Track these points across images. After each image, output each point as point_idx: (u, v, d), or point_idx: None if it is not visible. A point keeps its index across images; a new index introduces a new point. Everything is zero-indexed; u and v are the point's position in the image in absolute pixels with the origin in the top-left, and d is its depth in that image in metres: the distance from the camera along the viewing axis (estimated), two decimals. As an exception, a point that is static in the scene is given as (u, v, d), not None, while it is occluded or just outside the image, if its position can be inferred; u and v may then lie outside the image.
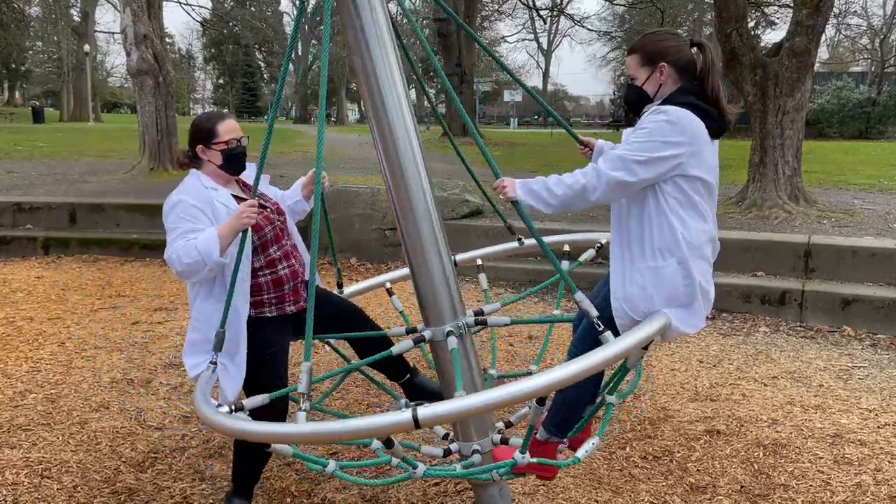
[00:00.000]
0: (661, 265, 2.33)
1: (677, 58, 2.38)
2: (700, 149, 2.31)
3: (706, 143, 2.34)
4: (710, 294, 2.44)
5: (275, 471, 3.33)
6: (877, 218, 7.98)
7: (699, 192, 2.35)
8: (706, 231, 2.38)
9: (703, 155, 2.32)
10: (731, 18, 8.29)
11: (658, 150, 2.26)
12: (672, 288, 2.34)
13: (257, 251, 2.85)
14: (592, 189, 2.32)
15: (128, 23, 11.88)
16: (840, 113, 26.54)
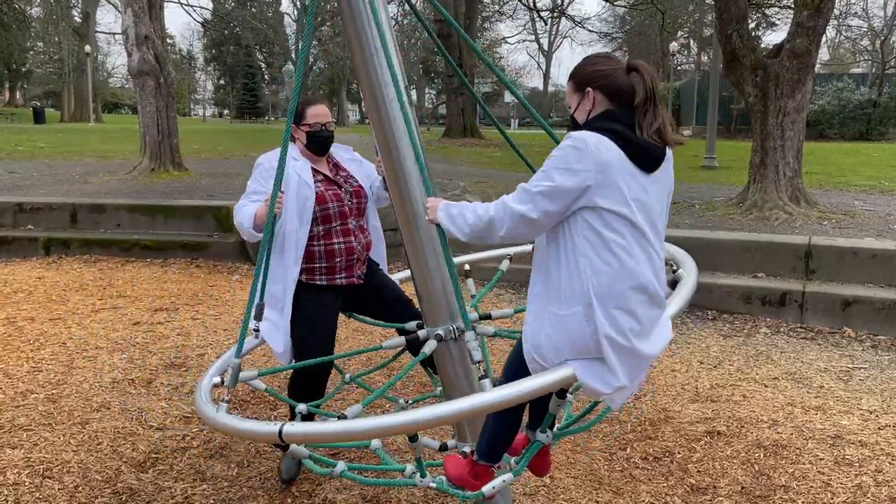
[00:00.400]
0: (566, 314, 2.05)
1: (606, 83, 2.14)
2: (613, 179, 2.02)
3: (624, 172, 2.03)
4: (638, 351, 2.06)
5: (275, 471, 3.33)
6: (877, 219, 7.99)
7: (615, 229, 2.02)
8: (629, 276, 2.03)
9: (617, 186, 2.02)
10: (732, 19, 8.30)
11: (562, 179, 2.01)
12: (578, 339, 2.04)
13: (317, 221, 3.09)
14: (500, 223, 2.10)
15: (129, 23, 11.88)
16: (841, 114, 26.54)
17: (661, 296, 2.13)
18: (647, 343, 2.10)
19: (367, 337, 5.28)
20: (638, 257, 2.05)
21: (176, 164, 12.55)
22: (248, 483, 3.23)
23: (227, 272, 7.43)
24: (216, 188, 10.79)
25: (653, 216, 2.10)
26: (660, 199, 2.14)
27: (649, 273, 2.07)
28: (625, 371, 2.07)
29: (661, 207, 2.15)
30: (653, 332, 2.12)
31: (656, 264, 2.11)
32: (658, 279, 2.11)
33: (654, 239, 2.10)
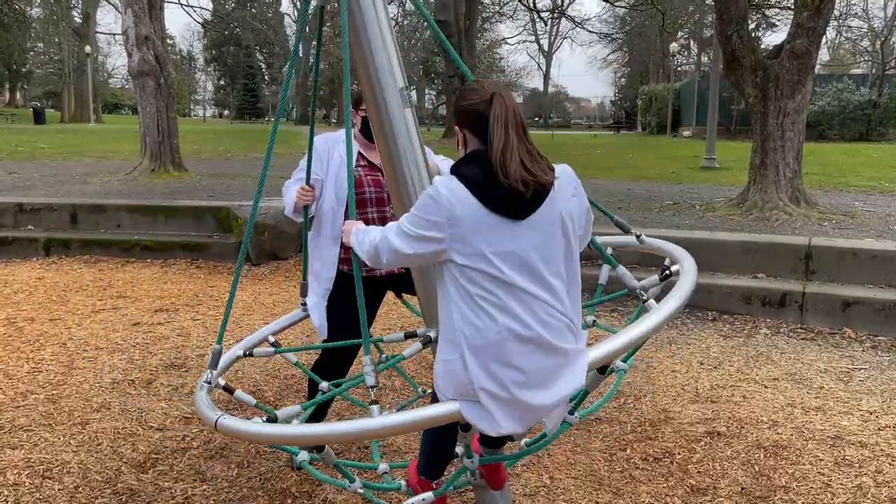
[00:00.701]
0: (448, 359, 1.99)
1: (470, 119, 2.00)
2: (466, 234, 1.91)
3: (481, 225, 1.91)
4: (522, 402, 1.95)
5: (276, 471, 3.33)
6: (877, 220, 7.99)
7: (481, 286, 1.92)
8: (505, 331, 1.91)
9: (471, 242, 1.91)
10: (732, 20, 8.30)
11: (422, 228, 1.95)
12: (459, 385, 1.97)
13: (357, 205, 3.15)
14: (382, 252, 2.06)
15: (129, 24, 11.89)
16: (841, 115, 26.56)
17: (555, 344, 1.96)
18: (536, 393, 1.96)
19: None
20: (513, 311, 1.92)
21: (176, 164, 12.57)
22: (248, 484, 3.23)
23: (227, 273, 7.43)
24: (216, 189, 10.79)
25: (532, 264, 1.94)
26: (541, 244, 1.95)
27: (534, 323, 1.93)
28: (508, 420, 1.97)
29: (549, 252, 1.97)
30: (548, 380, 1.97)
31: (544, 312, 1.95)
32: (549, 327, 1.95)
33: (536, 288, 1.94)
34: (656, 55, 51.01)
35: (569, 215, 2.00)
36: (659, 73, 50.74)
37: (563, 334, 1.98)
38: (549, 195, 1.96)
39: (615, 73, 66.14)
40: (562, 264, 2.00)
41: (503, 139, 1.90)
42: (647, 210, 8.81)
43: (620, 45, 59.21)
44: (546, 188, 1.95)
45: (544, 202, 1.95)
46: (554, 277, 1.98)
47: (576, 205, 2.03)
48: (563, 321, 1.98)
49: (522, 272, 1.94)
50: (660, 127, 35.92)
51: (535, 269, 1.95)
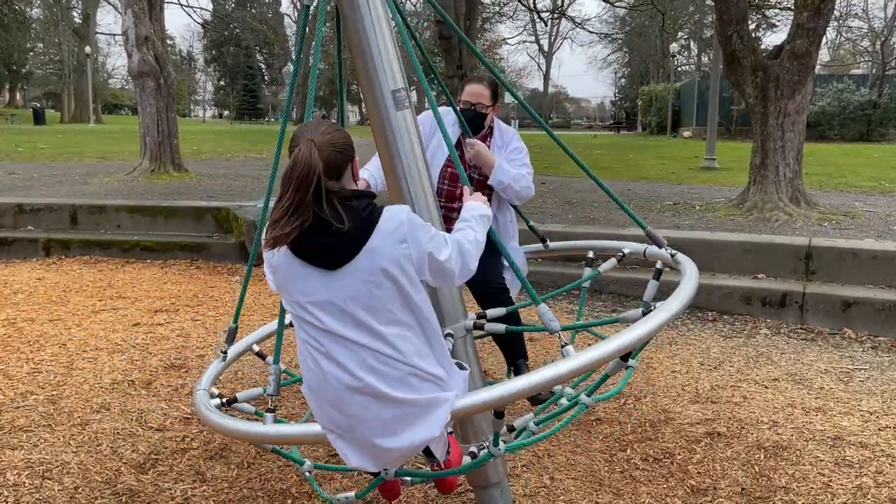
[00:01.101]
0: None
1: None
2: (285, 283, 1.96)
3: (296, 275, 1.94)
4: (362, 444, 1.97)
5: (275, 472, 3.33)
6: (878, 220, 7.99)
7: (308, 332, 1.96)
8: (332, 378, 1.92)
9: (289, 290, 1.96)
10: (732, 21, 8.30)
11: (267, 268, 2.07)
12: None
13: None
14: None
15: (129, 24, 11.89)
16: (841, 115, 26.56)
17: (391, 394, 1.91)
18: (381, 438, 1.94)
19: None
20: (339, 360, 1.90)
21: (176, 165, 12.57)
22: (247, 484, 3.23)
23: (227, 273, 7.43)
24: (216, 189, 10.79)
25: (354, 314, 1.90)
26: (363, 294, 1.90)
27: (364, 374, 1.89)
28: (358, 458, 1.99)
29: (374, 301, 1.90)
30: (392, 428, 1.94)
31: (375, 360, 1.90)
32: (384, 377, 1.90)
33: (363, 337, 1.90)
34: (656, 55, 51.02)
35: (395, 263, 1.91)
36: (659, 73, 50.75)
37: (405, 383, 1.92)
38: (367, 245, 1.89)
39: (615, 74, 66.15)
40: (398, 312, 1.93)
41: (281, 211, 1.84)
42: (647, 210, 8.81)
43: (620, 45, 59.21)
44: (356, 238, 1.88)
45: (361, 252, 1.89)
46: (387, 326, 1.91)
47: (405, 252, 1.92)
48: (402, 370, 1.91)
49: (345, 321, 1.90)
50: (660, 127, 35.92)
51: (359, 319, 1.90)
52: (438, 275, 2.00)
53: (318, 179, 1.84)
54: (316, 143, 1.87)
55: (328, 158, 1.88)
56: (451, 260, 1.99)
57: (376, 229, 1.90)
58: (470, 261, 2.05)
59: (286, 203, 1.83)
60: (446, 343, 2.22)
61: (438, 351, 2.00)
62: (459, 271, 2.03)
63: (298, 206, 1.82)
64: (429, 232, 1.98)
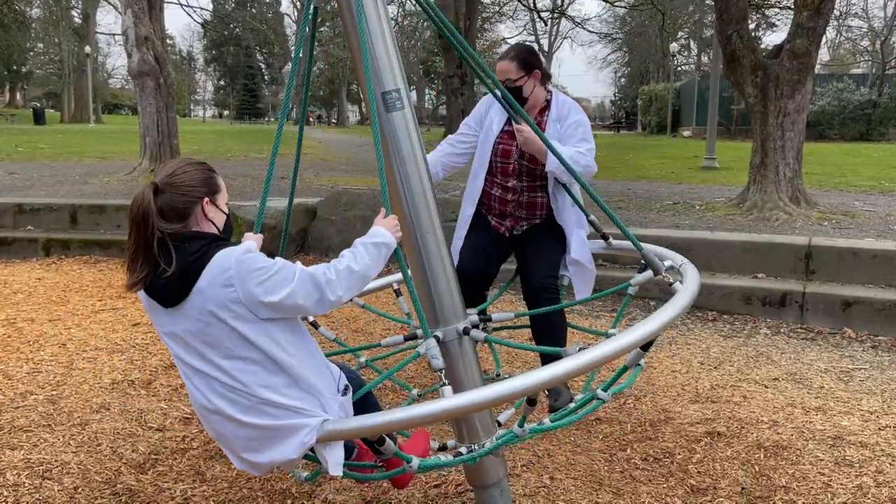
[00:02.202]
0: None
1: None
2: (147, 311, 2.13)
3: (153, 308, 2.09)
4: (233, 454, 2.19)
5: (275, 472, 3.33)
6: (878, 219, 7.98)
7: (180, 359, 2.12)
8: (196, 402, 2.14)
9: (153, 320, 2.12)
10: (732, 20, 8.30)
11: None
12: None
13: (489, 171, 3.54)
14: None
15: (129, 24, 11.89)
16: (841, 115, 26.57)
17: (243, 419, 2.02)
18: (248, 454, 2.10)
19: (368, 338, 5.28)
20: (197, 386, 2.06)
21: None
22: (247, 484, 3.23)
23: (227, 273, 7.42)
24: (216, 189, 10.77)
25: (198, 348, 2.01)
26: (199, 331, 1.99)
27: (215, 398, 2.03)
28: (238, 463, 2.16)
29: (211, 338, 1.99)
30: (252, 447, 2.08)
31: (225, 389, 2.02)
32: (234, 403, 2.01)
33: (210, 368, 2.01)
34: (656, 55, 51.02)
35: (221, 305, 1.95)
36: (659, 72, 50.75)
37: (256, 410, 2.02)
38: (196, 287, 1.96)
39: (615, 73, 66.14)
40: (236, 348, 1.99)
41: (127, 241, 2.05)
42: (646, 210, 8.80)
43: (620, 45, 59.19)
44: (183, 280, 1.97)
45: (191, 293, 1.97)
46: (227, 360, 2.00)
47: (232, 295, 1.96)
48: (251, 399, 2.01)
49: (191, 354, 2.03)
50: (660, 127, 35.92)
51: (202, 353, 2.02)
52: (284, 310, 2.02)
53: (152, 222, 1.96)
54: (158, 185, 2.01)
55: (167, 201, 2.00)
56: (296, 295, 1.99)
57: (204, 272, 1.96)
58: (329, 292, 2.04)
59: (132, 244, 1.99)
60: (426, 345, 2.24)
61: (295, 380, 2.04)
62: (315, 303, 2.04)
63: (142, 247, 1.97)
64: (262, 275, 1.97)
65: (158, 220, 1.96)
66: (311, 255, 7.95)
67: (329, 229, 7.85)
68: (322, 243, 7.94)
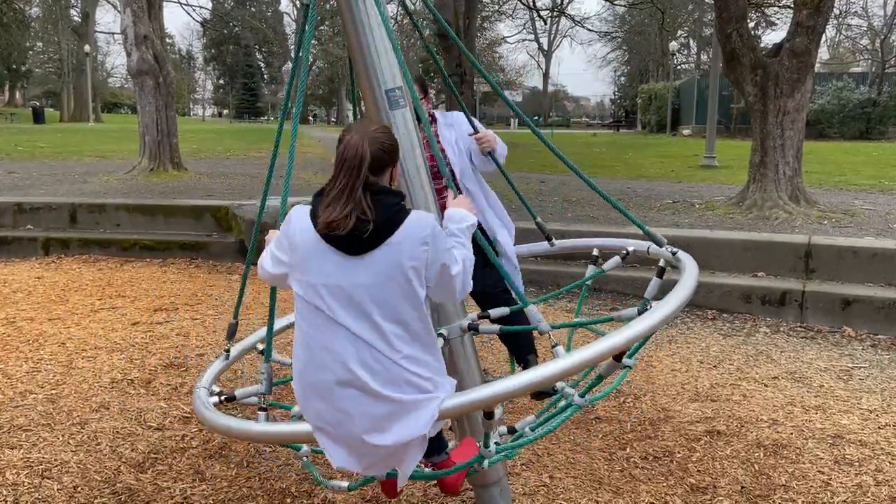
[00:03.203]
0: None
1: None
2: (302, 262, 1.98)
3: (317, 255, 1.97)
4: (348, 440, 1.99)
5: (275, 471, 3.33)
6: (877, 218, 7.98)
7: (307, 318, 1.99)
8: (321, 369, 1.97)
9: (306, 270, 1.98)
10: (732, 19, 8.29)
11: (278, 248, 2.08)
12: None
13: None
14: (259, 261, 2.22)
15: (128, 23, 11.88)
16: (840, 113, 26.56)
17: (381, 392, 1.92)
18: (368, 434, 1.96)
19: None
20: (337, 352, 1.93)
21: (175, 163, 12.56)
22: (247, 483, 3.23)
23: (226, 272, 7.42)
24: (216, 188, 10.79)
25: (362, 304, 1.93)
26: (375, 286, 1.93)
27: (357, 367, 1.92)
28: (341, 456, 2.01)
29: (384, 296, 1.94)
30: (381, 426, 1.95)
31: (370, 357, 1.93)
32: (375, 374, 1.92)
33: (364, 330, 1.93)
34: (656, 54, 51.02)
35: (411, 263, 1.95)
36: (659, 71, 50.75)
37: (394, 383, 1.94)
38: (390, 239, 1.93)
39: (615, 72, 66.11)
40: (402, 311, 1.95)
41: (334, 195, 1.95)
42: (646, 209, 8.80)
43: (620, 43, 59.16)
44: (381, 231, 1.92)
45: (383, 244, 1.93)
46: (389, 322, 1.94)
47: (423, 255, 1.96)
48: (393, 370, 1.93)
49: (350, 309, 1.93)
50: (659, 125, 35.91)
51: (364, 309, 1.93)
52: (444, 287, 2.04)
53: (364, 169, 1.95)
54: (367, 137, 1.99)
55: (374, 154, 1.98)
56: (459, 276, 2.04)
57: (401, 227, 1.95)
58: (469, 279, 2.10)
59: (338, 186, 1.94)
60: (439, 343, 2.23)
61: (431, 354, 2.03)
62: (461, 288, 2.08)
63: (349, 190, 1.93)
64: (447, 243, 2.05)
65: (367, 169, 1.95)
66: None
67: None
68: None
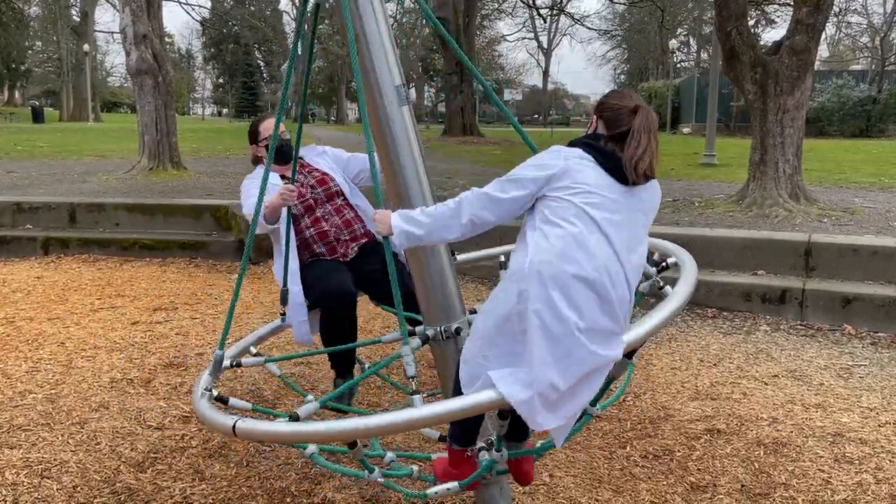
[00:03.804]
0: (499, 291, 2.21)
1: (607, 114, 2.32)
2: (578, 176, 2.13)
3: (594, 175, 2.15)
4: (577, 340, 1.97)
5: (275, 470, 3.33)
6: (877, 216, 7.98)
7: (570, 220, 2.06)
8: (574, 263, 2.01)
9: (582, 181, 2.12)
10: (732, 17, 8.28)
11: (528, 171, 2.17)
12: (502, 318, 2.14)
13: (305, 213, 3.53)
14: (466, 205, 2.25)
15: (127, 22, 11.87)
16: (840, 111, 26.57)
17: (614, 308, 2.00)
18: (594, 342, 1.97)
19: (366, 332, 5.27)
20: (591, 251, 2.00)
21: (175, 163, 12.55)
22: (247, 483, 3.23)
23: (226, 271, 7.42)
24: (215, 187, 10.79)
25: (620, 225, 2.08)
26: (631, 217, 2.13)
27: (604, 275, 1.99)
28: (557, 366, 1.95)
29: (634, 228, 2.13)
30: (603, 338, 1.99)
31: (616, 271, 2.03)
32: (614, 286, 2.01)
33: (619, 247, 2.05)
34: (656, 52, 51.01)
35: (653, 209, 2.27)
36: (658, 69, 50.75)
37: (621, 304, 2.05)
38: (649, 184, 2.24)
39: (615, 70, 66.07)
40: (639, 245, 2.17)
41: (645, 144, 2.21)
42: (646, 207, 8.79)
43: (620, 41, 59.16)
44: (654, 182, 2.28)
45: (645, 186, 2.22)
46: (633, 249, 2.12)
47: (657, 204, 2.30)
48: (624, 292, 2.06)
49: (612, 227, 2.07)
50: (659, 124, 35.73)
51: (621, 231, 2.09)
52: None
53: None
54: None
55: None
56: None
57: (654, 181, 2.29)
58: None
59: (648, 143, 2.23)
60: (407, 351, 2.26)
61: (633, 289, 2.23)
62: None
63: (653, 146, 2.25)
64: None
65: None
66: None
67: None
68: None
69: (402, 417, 2.00)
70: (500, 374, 2.00)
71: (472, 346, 2.14)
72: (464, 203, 2.17)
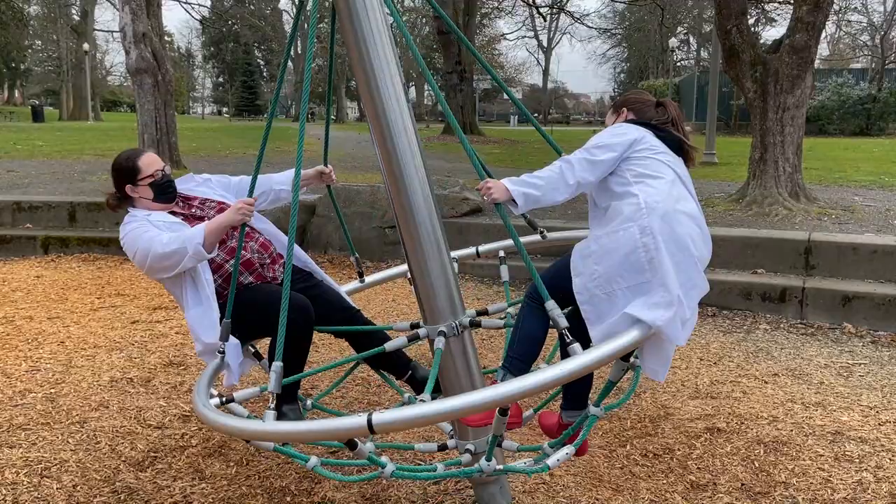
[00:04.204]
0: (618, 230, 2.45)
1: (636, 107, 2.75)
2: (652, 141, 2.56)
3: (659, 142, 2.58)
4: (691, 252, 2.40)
5: (275, 469, 3.33)
6: (877, 215, 7.97)
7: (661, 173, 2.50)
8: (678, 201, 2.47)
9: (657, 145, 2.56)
10: (732, 15, 8.28)
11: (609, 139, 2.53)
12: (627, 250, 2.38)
13: (218, 247, 2.98)
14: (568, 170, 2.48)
15: (127, 21, 11.86)
16: (840, 110, 26.56)
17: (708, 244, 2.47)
18: (701, 270, 2.38)
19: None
20: (686, 196, 2.46)
21: (174, 162, 12.54)
22: (246, 482, 3.23)
23: (226, 270, 7.41)
24: (215, 186, 10.75)
25: (687, 180, 2.54)
26: (685, 180, 2.55)
27: (699, 214, 2.45)
28: (678, 275, 2.26)
29: (689, 186, 2.55)
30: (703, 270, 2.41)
31: (701, 212, 2.48)
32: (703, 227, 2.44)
33: (694, 195, 2.52)
34: (655, 50, 51.00)
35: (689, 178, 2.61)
36: (658, 68, 50.73)
37: (706, 241, 2.49)
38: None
39: (615, 69, 66.08)
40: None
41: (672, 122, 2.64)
42: (646, 206, 8.78)
43: (620, 40, 59.13)
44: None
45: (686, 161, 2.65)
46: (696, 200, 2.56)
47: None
48: (707, 230, 2.50)
49: (685, 181, 2.54)
50: (659, 122, 35.84)
51: (690, 186, 2.54)
52: None
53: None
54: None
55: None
56: None
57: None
58: None
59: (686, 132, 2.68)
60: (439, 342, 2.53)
61: None
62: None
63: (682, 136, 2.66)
64: None
65: None
66: (310, 252, 7.94)
67: (328, 226, 7.83)
68: (321, 240, 7.93)
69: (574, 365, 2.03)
70: (635, 306, 2.24)
71: (591, 287, 2.36)
72: (567, 167, 2.42)
